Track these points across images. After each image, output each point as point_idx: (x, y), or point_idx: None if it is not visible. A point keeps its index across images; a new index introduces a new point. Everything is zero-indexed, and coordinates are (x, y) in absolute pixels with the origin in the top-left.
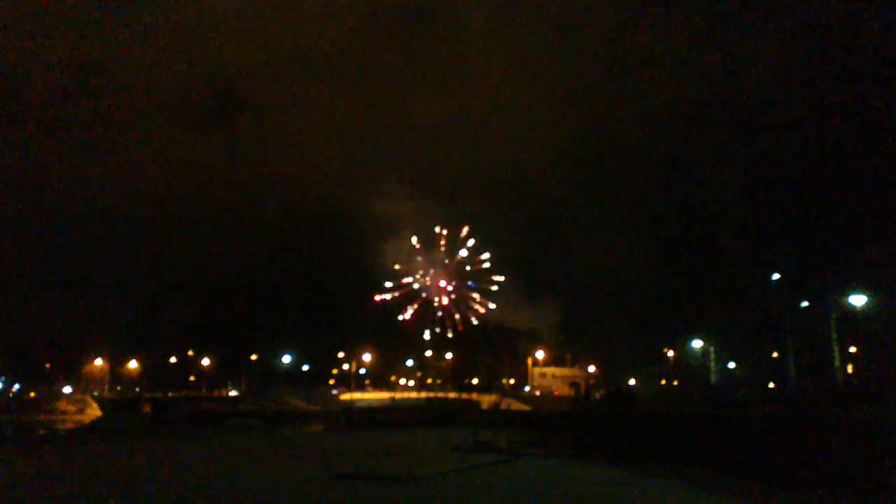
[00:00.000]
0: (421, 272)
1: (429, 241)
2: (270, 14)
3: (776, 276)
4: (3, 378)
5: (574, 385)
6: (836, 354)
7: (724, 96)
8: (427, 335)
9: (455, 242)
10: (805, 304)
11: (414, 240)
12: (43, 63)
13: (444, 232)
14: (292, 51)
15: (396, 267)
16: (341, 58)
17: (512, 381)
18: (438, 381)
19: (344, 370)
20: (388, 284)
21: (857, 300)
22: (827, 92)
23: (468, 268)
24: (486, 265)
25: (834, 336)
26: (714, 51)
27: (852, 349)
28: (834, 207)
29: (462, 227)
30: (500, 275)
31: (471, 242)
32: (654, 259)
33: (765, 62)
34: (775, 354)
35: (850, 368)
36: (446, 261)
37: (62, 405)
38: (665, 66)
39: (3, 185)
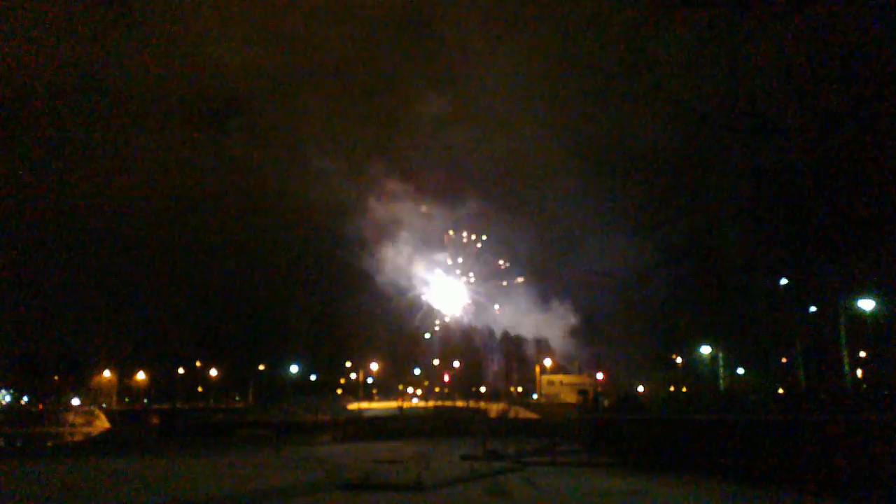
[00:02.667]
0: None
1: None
2: (268, 18)
3: (784, 281)
4: (11, 390)
5: (582, 392)
6: (846, 359)
7: (730, 101)
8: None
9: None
10: (813, 308)
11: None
12: (41, 67)
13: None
14: (291, 53)
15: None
16: (341, 60)
17: (520, 389)
18: (446, 390)
19: (351, 379)
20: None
21: (866, 304)
22: (833, 96)
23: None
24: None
25: (843, 341)
26: (719, 56)
27: (862, 354)
28: (841, 211)
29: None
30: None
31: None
32: (660, 264)
33: (771, 67)
34: (784, 360)
35: (859, 373)
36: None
37: (70, 417)
38: (670, 71)
39: (8, 196)
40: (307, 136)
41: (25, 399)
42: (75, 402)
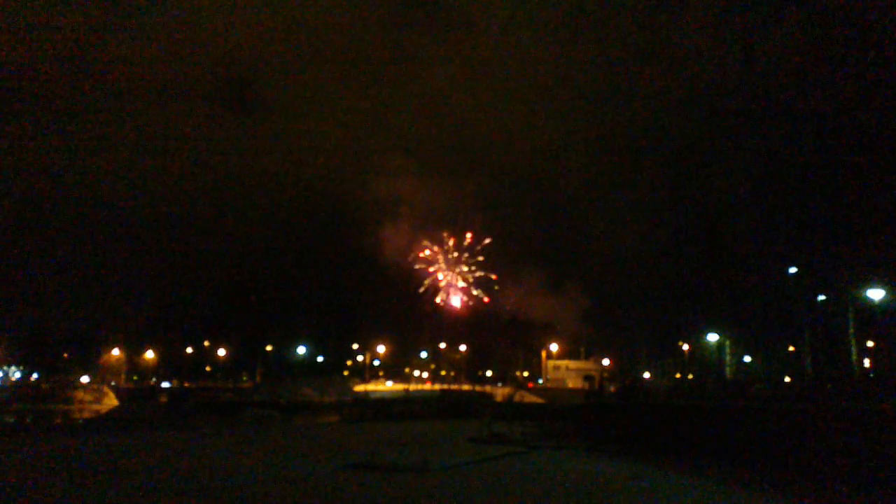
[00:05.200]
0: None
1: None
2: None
3: (793, 270)
4: (21, 367)
5: (588, 378)
6: (854, 348)
7: (742, 87)
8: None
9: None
10: (822, 297)
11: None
12: (56, 51)
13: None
14: (302, 32)
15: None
16: (352, 38)
17: (526, 374)
18: (452, 374)
19: (358, 361)
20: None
21: (875, 294)
22: (845, 82)
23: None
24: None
25: (851, 330)
26: (731, 41)
27: (870, 343)
28: (852, 200)
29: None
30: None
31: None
32: (669, 251)
33: (782, 53)
34: (791, 348)
35: (867, 363)
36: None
37: (79, 394)
38: (682, 56)
39: (20, 175)
40: (315, 115)
41: (35, 376)
42: (84, 379)
